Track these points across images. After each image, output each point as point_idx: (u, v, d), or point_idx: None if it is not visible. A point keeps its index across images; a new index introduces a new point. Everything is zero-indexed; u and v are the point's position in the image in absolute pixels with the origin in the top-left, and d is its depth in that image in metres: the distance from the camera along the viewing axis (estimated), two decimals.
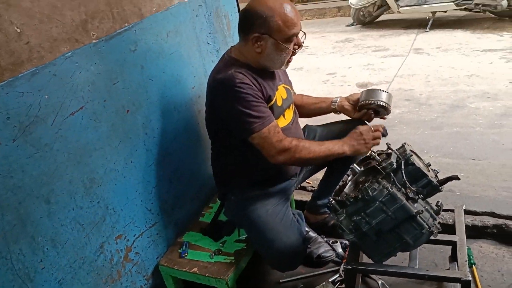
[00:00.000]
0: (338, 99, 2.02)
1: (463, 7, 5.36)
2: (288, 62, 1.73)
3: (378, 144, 1.74)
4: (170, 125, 1.88)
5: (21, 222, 1.27)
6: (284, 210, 1.80)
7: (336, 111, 2.04)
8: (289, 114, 1.87)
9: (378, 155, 1.58)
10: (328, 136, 2.04)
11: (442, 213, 1.80)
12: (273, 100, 1.73)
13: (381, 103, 1.84)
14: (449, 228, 1.94)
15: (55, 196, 1.37)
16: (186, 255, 1.86)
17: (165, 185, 1.90)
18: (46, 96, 1.29)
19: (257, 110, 1.60)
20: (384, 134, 1.77)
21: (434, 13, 5.62)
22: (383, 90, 1.88)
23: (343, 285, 1.89)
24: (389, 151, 1.57)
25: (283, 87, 1.86)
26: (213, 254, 1.84)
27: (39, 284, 1.33)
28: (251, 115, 1.59)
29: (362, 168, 1.59)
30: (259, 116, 1.60)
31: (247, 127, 1.60)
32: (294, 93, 2.12)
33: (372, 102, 1.85)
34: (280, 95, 1.80)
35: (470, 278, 1.41)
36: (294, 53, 1.70)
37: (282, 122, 1.80)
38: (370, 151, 1.66)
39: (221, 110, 1.68)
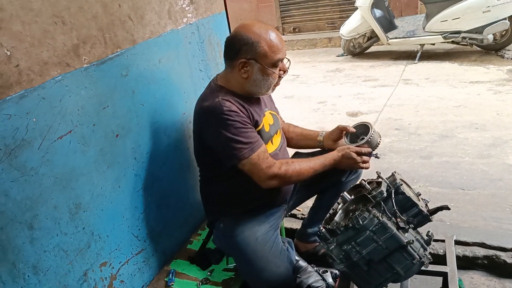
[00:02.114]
0: (324, 133, 2.01)
1: (450, 40, 5.50)
2: (275, 86, 1.75)
3: (368, 167, 1.81)
4: (160, 150, 1.87)
5: (1, 248, 1.23)
6: (273, 238, 1.77)
7: (324, 148, 2.03)
8: (277, 139, 1.87)
9: (369, 183, 1.57)
10: None
11: (432, 243, 1.79)
12: (261, 126, 1.73)
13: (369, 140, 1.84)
14: (440, 259, 1.92)
15: (38, 222, 1.33)
16: (172, 284, 1.81)
17: (153, 211, 1.86)
18: (34, 119, 1.28)
19: (245, 136, 1.60)
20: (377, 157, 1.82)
21: (422, 45, 5.75)
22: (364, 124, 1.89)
23: None
24: (379, 179, 1.56)
25: (270, 113, 1.86)
26: (201, 283, 1.80)
27: None
28: (239, 141, 1.59)
29: (352, 197, 1.58)
30: (248, 142, 1.60)
31: (237, 153, 1.59)
32: (283, 121, 2.13)
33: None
34: (267, 121, 1.80)
35: None
36: (280, 78, 1.72)
37: (270, 148, 1.80)
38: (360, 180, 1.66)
39: (209, 138, 1.67)
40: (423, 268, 1.46)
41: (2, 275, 1.23)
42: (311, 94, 5.09)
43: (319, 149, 2.05)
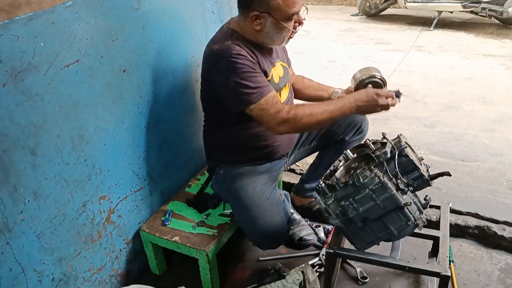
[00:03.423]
0: (340, 91, 1.95)
1: (469, 10, 5.33)
2: (289, 38, 1.70)
3: (388, 108, 1.65)
4: (166, 91, 1.85)
5: (4, 171, 1.23)
6: (271, 189, 1.79)
7: None
8: (285, 93, 1.84)
9: (373, 143, 1.57)
10: None
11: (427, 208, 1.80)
12: (269, 76, 1.70)
13: (377, 75, 1.76)
14: (432, 225, 1.96)
15: (41, 149, 1.33)
16: (168, 224, 1.84)
17: (155, 151, 1.87)
18: (42, 44, 1.25)
19: (254, 80, 1.56)
20: (398, 95, 1.69)
21: (440, 12, 5.59)
22: (370, 67, 1.80)
23: (322, 269, 1.90)
24: (385, 140, 1.55)
25: (281, 64, 1.82)
26: (196, 225, 1.83)
27: (17, 236, 1.31)
28: (248, 86, 1.55)
29: (355, 155, 1.58)
30: (256, 86, 1.56)
31: (245, 98, 1.56)
32: (293, 73, 2.09)
33: (365, 77, 1.74)
34: (277, 72, 1.76)
35: (449, 274, 1.42)
36: (294, 31, 1.66)
37: None
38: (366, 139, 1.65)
39: (217, 83, 1.64)
40: (416, 230, 1.49)
41: (3, 197, 1.25)
42: (321, 52, 4.99)
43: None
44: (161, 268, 1.96)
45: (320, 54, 4.91)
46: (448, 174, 1.50)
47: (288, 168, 2.54)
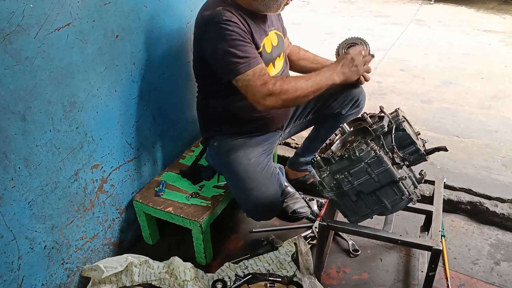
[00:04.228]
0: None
1: None
2: (285, 5, 1.65)
3: (369, 70, 1.75)
4: (160, 59, 1.80)
5: None
6: (266, 161, 1.77)
7: None
8: (279, 63, 1.80)
9: (370, 117, 1.55)
10: (323, 94, 1.98)
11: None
12: (261, 47, 1.65)
13: (354, 36, 1.82)
14: (425, 200, 1.96)
15: (32, 115, 1.30)
16: (162, 194, 1.83)
17: (148, 121, 1.84)
18: (31, 5, 1.19)
19: (243, 50, 1.52)
20: (373, 55, 1.75)
21: None
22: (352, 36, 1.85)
23: (314, 242, 1.91)
24: (382, 114, 1.53)
25: (275, 33, 1.77)
26: (190, 196, 1.82)
27: (7, 203, 1.29)
28: (236, 55, 1.51)
29: (351, 129, 1.56)
30: (244, 56, 1.52)
31: (232, 67, 1.52)
32: (290, 43, 2.04)
33: (343, 42, 1.82)
34: (269, 42, 1.72)
35: (441, 248, 1.43)
36: None
37: (272, 71, 1.73)
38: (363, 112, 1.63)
39: (207, 50, 1.59)
40: (410, 205, 1.49)
41: None
42: (320, 24, 4.90)
43: None
44: (154, 238, 1.96)
45: (318, 26, 4.82)
46: (445, 149, 1.49)
47: (283, 142, 2.52)
